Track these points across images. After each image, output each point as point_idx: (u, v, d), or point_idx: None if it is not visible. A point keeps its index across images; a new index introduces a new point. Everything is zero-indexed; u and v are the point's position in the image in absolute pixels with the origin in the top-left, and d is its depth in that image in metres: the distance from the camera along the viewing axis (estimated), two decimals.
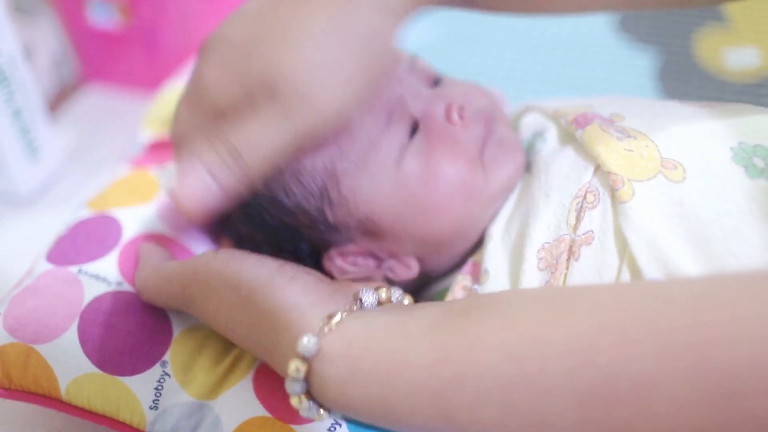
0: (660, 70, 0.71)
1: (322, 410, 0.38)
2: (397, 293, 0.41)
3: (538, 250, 0.42)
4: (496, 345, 0.33)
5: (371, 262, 0.47)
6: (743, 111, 0.44)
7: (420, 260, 0.47)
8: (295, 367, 0.37)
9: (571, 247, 0.41)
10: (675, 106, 0.46)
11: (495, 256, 0.44)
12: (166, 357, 0.44)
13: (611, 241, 0.40)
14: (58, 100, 0.82)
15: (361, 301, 0.39)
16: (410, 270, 0.47)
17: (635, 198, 0.40)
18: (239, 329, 0.41)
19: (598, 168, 0.42)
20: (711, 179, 0.39)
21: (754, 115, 0.43)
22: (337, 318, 0.37)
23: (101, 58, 0.82)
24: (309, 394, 0.38)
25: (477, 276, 0.45)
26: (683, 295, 0.31)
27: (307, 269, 0.41)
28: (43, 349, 0.43)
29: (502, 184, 0.46)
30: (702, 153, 0.41)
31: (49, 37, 0.80)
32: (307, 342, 0.36)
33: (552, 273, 0.41)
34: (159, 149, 0.60)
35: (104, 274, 0.46)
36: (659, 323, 0.30)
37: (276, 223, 0.46)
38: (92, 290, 0.45)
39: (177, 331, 0.45)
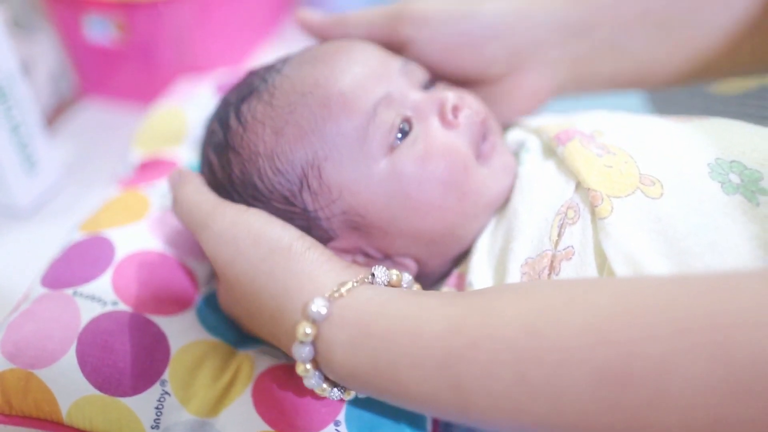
0: None
1: (325, 384, 0.39)
2: (407, 279, 0.42)
3: (522, 265, 0.42)
4: (512, 318, 0.33)
5: (370, 263, 0.47)
6: (722, 126, 0.44)
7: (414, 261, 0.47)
8: (303, 330, 0.37)
9: (552, 262, 0.41)
10: (655, 122, 0.47)
11: (479, 268, 0.45)
12: (166, 375, 0.44)
13: (591, 257, 0.40)
14: (55, 114, 0.82)
15: (373, 275, 0.40)
16: (408, 270, 0.47)
17: (614, 214, 0.40)
18: (249, 287, 0.41)
19: (578, 184, 0.43)
20: (688, 195, 0.40)
21: (732, 131, 0.44)
22: (349, 285, 0.38)
23: (98, 72, 0.82)
24: (315, 363, 0.39)
25: (461, 288, 0.46)
26: (704, 284, 0.31)
27: (322, 245, 0.43)
28: (43, 374, 0.43)
29: (501, 192, 0.46)
30: (679, 169, 0.41)
31: (47, 52, 0.80)
32: (318, 304, 0.37)
33: None
34: (148, 168, 0.60)
35: (99, 294, 0.46)
36: (678, 305, 0.30)
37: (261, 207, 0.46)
38: (88, 312, 0.45)
39: (174, 348, 0.45)
